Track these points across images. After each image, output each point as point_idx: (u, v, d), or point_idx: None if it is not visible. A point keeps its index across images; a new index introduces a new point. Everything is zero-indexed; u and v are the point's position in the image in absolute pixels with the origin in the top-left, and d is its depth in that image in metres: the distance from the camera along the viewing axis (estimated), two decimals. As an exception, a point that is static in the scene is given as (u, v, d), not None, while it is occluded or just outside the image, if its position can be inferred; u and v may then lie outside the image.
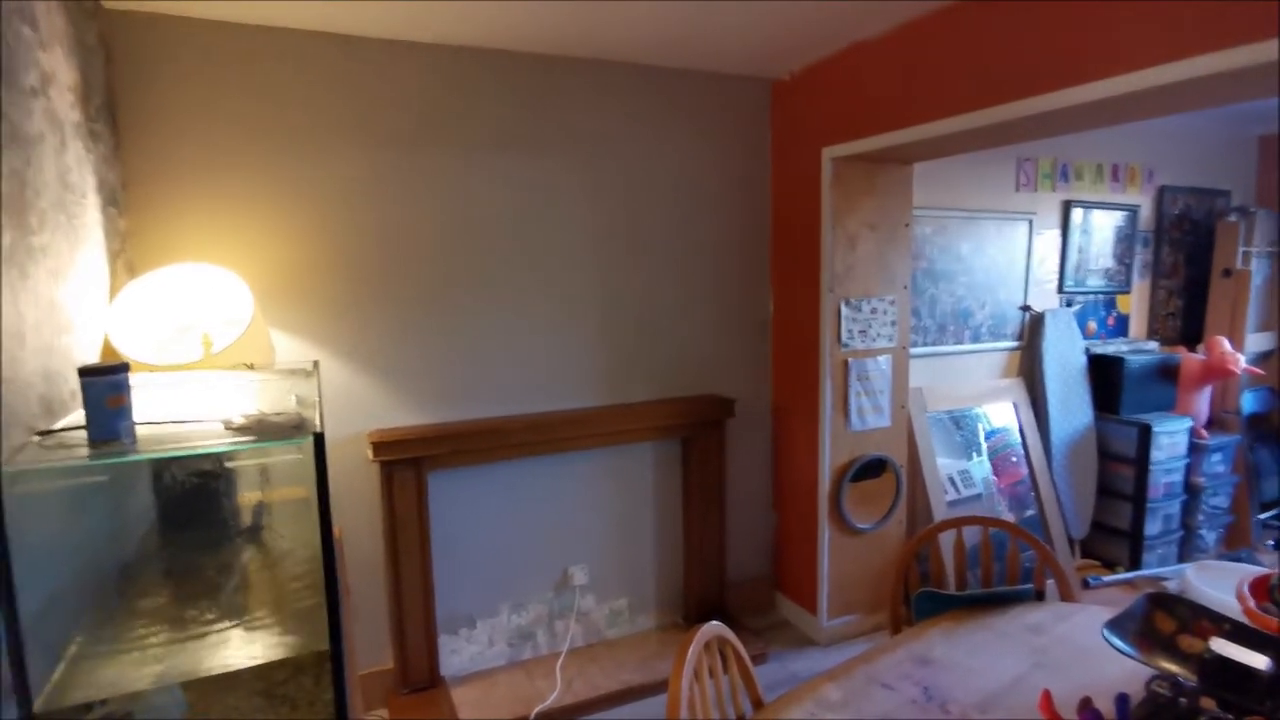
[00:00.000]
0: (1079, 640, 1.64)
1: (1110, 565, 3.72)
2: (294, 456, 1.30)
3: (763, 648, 2.98)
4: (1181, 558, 3.74)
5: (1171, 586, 3.31)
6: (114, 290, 2.06)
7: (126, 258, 2.22)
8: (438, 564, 2.68)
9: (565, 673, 2.78)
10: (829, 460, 2.97)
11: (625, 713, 2.63)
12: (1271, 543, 3.84)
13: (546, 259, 2.79)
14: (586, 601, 3.00)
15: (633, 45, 2.61)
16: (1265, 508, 3.98)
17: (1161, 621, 1.33)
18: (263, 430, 1.18)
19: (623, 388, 2.98)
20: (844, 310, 2.91)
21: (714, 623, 1.46)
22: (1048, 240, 3.74)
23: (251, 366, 2.05)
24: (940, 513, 3.29)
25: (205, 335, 2.17)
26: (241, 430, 1.18)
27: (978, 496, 3.45)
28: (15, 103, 1.44)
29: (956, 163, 3.33)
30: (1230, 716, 0.96)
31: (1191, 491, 3.72)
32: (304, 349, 2.47)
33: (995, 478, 3.51)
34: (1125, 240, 3.96)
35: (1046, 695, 1.03)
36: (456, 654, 2.79)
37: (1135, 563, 3.64)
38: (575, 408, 2.89)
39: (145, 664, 1.29)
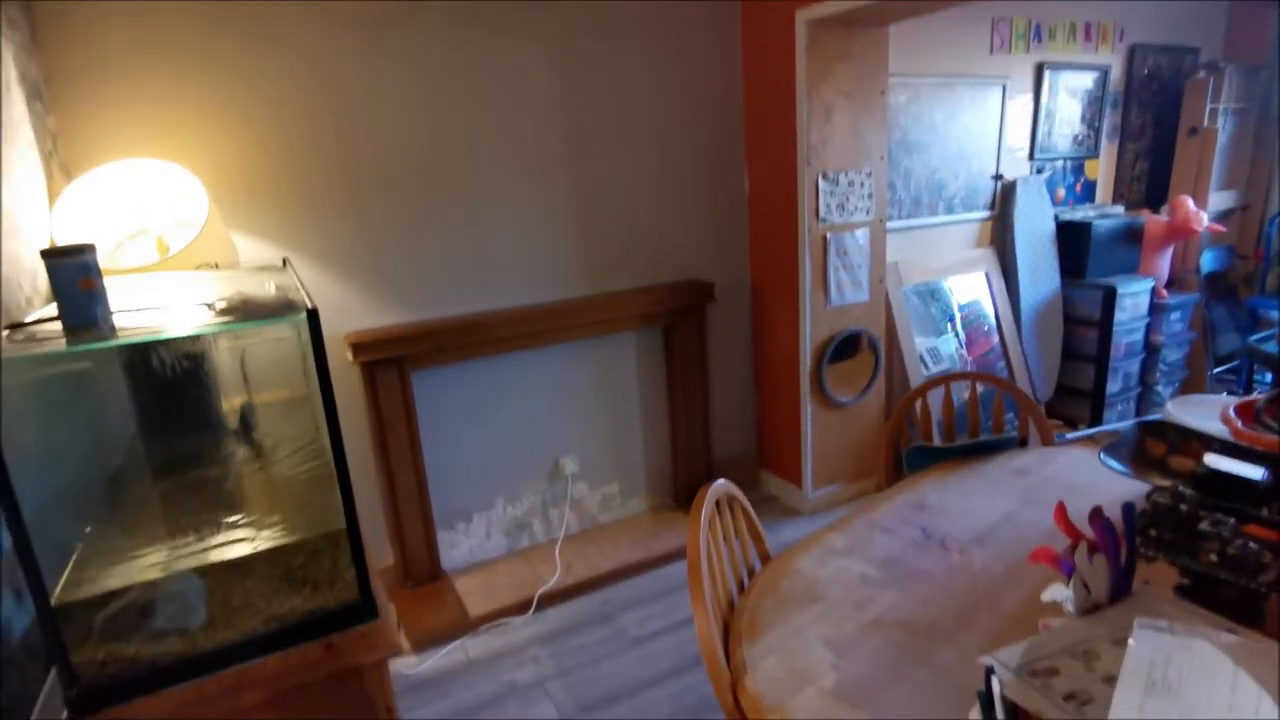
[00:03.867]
0: (1065, 479, 1.72)
1: (1073, 424, 3.89)
2: (284, 337, 1.24)
3: (752, 521, 3.09)
4: (1139, 413, 3.94)
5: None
6: (52, 195, 1.91)
7: (60, 159, 2.05)
8: (430, 462, 2.68)
9: (564, 557, 2.86)
10: (810, 337, 2.99)
11: (626, 588, 2.73)
12: (1225, 395, 4.05)
13: (519, 150, 2.65)
14: (579, 489, 3.05)
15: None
16: (1219, 362, 4.17)
17: (1153, 446, 1.39)
18: (250, 310, 1.11)
19: (603, 278, 2.93)
20: (821, 184, 2.86)
21: (722, 480, 1.49)
22: (1020, 106, 3.68)
23: (216, 266, 1.95)
24: (918, 383, 3.37)
25: (160, 239, 2.05)
26: (227, 312, 1.12)
27: (946, 371, 3.53)
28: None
29: (932, 24, 3.21)
30: (1232, 520, 1.01)
31: (1150, 350, 3.87)
32: (269, 251, 2.35)
33: (965, 350, 3.59)
34: (1095, 103, 3.92)
35: (1061, 507, 1.08)
36: (455, 548, 2.83)
37: (1096, 419, 3.81)
38: (556, 299, 2.84)
39: (154, 559, 1.27)
